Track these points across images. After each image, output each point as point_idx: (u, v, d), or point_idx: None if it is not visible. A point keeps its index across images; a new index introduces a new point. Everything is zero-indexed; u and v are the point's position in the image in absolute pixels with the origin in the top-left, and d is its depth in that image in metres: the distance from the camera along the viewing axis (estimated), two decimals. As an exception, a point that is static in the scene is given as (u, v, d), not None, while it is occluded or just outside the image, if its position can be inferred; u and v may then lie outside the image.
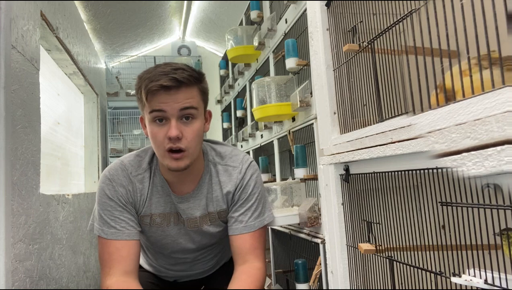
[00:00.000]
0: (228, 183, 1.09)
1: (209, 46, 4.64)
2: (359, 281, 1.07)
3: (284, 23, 1.80)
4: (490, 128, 0.40)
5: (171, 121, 0.94)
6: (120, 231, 1.02)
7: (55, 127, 2.38)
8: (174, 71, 0.94)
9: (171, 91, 0.93)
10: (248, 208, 1.09)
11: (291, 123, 1.73)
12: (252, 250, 1.06)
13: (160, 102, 0.93)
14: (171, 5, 3.58)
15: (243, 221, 1.08)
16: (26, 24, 1.46)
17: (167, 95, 0.93)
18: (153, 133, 0.96)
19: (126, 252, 1.01)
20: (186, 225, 1.10)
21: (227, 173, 1.10)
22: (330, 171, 1.17)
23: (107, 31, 3.52)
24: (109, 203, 1.03)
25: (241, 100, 2.74)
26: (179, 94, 0.94)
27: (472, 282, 0.64)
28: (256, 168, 1.14)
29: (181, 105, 0.94)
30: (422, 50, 0.70)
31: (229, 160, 1.12)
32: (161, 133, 0.95)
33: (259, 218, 1.09)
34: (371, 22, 0.96)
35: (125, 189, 1.04)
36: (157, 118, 0.95)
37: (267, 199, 1.16)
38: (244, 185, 1.09)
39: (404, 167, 0.82)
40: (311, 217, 1.44)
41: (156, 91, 0.92)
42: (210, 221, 1.11)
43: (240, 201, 1.09)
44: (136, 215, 1.08)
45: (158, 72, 0.94)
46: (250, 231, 1.07)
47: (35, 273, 1.42)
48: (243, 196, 1.09)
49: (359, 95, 1.03)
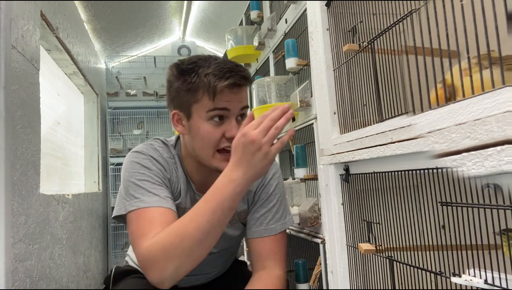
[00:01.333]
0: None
1: (209, 46, 4.64)
2: (359, 281, 1.07)
3: (284, 23, 1.80)
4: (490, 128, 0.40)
5: (232, 121, 0.90)
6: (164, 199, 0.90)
7: (55, 127, 2.38)
8: (237, 68, 0.90)
9: (234, 89, 0.89)
10: (269, 209, 1.02)
11: (291, 123, 1.73)
12: (272, 255, 0.99)
13: (225, 100, 0.88)
14: (171, 5, 3.58)
15: (264, 223, 1.01)
16: (26, 24, 1.46)
17: (231, 93, 0.89)
18: (208, 132, 0.90)
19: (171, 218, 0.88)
20: None
21: None
22: (330, 171, 1.17)
23: (107, 31, 3.52)
24: (147, 173, 0.93)
25: (241, 100, 2.74)
26: (241, 92, 0.91)
27: (472, 282, 0.64)
28: (278, 167, 1.09)
29: (243, 104, 0.91)
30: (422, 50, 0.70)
31: None
32: (218, 133, 0.90)
33: (280, 221, 1.03)
34: (371, 22, 0.96)
35: (162, 166, 0.96)
36: (217, 116, 0.89)
37: (287, 203, 1.09)
38: (265, 184, 1.03)
39: (404, 167, 0.82)
40: (311, 217, 1.44)
41: (224, 89, 0.87)
42: (230, 222, 1.04)
43: (261, 201, 1.03)
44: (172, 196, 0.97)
45: (220, 68, 0.88)
46: (271, 235, 1.00)
47: (35, 273, 1.42)
48: (264, 195, 1.03)
49: (359, 95, 1.03)
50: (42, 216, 1.55)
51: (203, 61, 0.91)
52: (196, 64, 0.91)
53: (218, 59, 0.92)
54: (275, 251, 1.00)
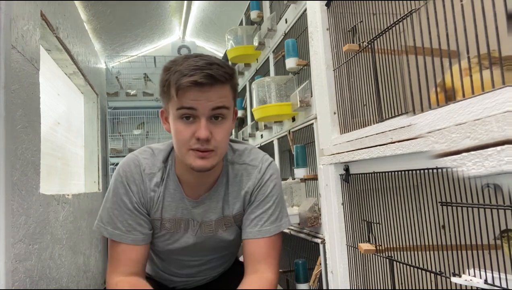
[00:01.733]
0: (247, 183, 1.02)
1: (209, 46, 4.64)
2: (359, 281, 1.07)
3: (284, 23, 1.80)
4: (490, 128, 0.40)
5: (201, 121, 0.87)
6: (125, 235, 0.96)
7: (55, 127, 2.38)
8: (209, 66, 0.86)
9: (204, 88, 0.85)
10: (265, 210, 1.00)
11: (291, 123, 1.73)
12: (265, 259, 0.98)
13: (191, 99, 0.86)
14: (171, 5, 3.58)
15: (258, 225, 0.99)
16: (26, 24, 1.46)
17: (199, 92, 0.85)
18: (178, 131, 0.89)
19: (134, 255, 0.97)
20: (200, 230, 1.03)
21: (246, 172, 1.03)
22: (330, 171, 1.17)
23: (107, 31, 3.52)
24: (119, 203, 0.97)
25: (241, 100, 2.74)
26: (212, 91, 0.86)
27: (472, 282, 0.64)
28: (276, 168, 1.06)
29: (214, 104, 0.87)
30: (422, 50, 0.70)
31: (247, 159, 1.04)
32: (188, 132, 0.88)
33: (275, 223, 1.00)
34: (371, 22, 0.96)
35: (137, 188, 0.97)
36: (185, 115, 0.88)
37: (285, 204, 1.07)
38: (262, 184, 1.01)
39: (404, 167, 0.82)
40: (311, 217, 1.44)
41: (188, 87, 0.85)
42: (225, 225, 1.04)
43: (257, 201, 1.01)
44: (147, 217, 1.00)
45: (190, 65, 0.86)
46: (265, 237, 0.99)
47: (35, 273, 1.42)
48: (260, 197, 1.01)
49: (359, 95, 1.03)
50: (42, 216, 1.55)
51: (182, 59, 0.89)
52: (174, 62, 0.89)
53: (199, 57, 0.89)
54: (268, 254, 0.99)
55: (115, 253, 0.97)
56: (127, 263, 0.96)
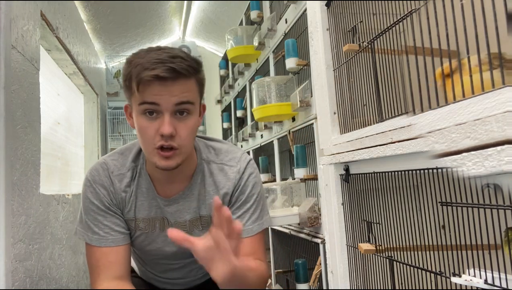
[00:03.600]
0: (225, 183, 0.99)
1: (209, 46, 4.64)
2: (359, 281, 1.07)
3: (284, 23, 1.80)
4: (490, 128, 0.40)
5: (164, 116, 0.83)
6: (103, 237, 0.95)
7: (55, 127, 2.38)
8: (171, 59, 0.82)
9: (167, 82, 0.81)
10: (246, 210, 0.98)
11: (291, 123, 1.73)
12: (251, 254, 0.97)
13: (153, 93, 0.82)
14: (171, 5, 3.58)
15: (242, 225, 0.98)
16: (26, 24, 1.46)
17: (161, 87, 0.82)
18: (142, 128, 0.85)
19: (114, 258, 0.94)
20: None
21: (223, 172, 1.00)
22: (330, 171, 1.17)
23: (107, 31, 3.52)
24: (91, 206, 0.95)
25: (241, 100, 2.74)
26: (175, 86, 0.83)
27: (472, 282, 0.64)
28: (255, 167, 1.04)
29: (177, 99, 0.83)
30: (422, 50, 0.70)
31: (225, 158, 1.01)
32: (152, 128, 0.84)
33: (257, 222, 0.99)
34: (371, 22, 0.96)
35: (107, 191, 0.96)
36: (147, 110, 0.84)
37: (265, 202, 1.05)
38: (242, 185, 0.99)
39: (404, 167, 0.82)
40: (311, 217, 1.44)
41: (149, 82, 0.81)
42: (202, 225, 1.00)
43: (238, 202, 0.99)
44: (122, 216, 0.99)
45: (152, 58, 0.82)
46: (249, 236, 0.97)
47: (35, 273, 1.42)
48: (241, 197, 0.99)
49: (359, 95, 1.03)
50: (42, 216, 1.55)
51: (145, 52, 0.85)
52: (137, 55, 0.85)
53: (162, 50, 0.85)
54: (253, 251, 0.97)
55: (95, 260, 0.95)
56: (109, 266, 0.94)
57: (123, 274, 0.95)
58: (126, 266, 0.97)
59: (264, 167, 2.21)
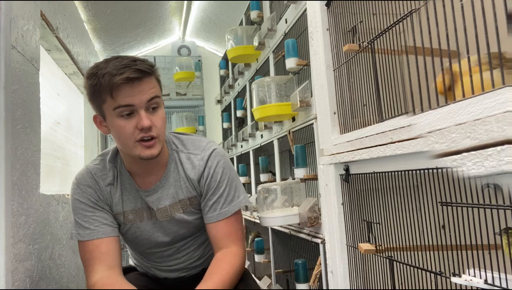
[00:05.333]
0: (191, 171, 1.08)
1: (209, 46, 4.64)
2: (359, 281, 1.07)
3: (284, 23, 1.80)
4: (490, 128, 0.40)
5: (140, 113, 0.94)
6: (94, 230, 1.03)
7: (55, 127, 2.38)
8: (133, 62, 0.92)
9: (134, 83, 0.92)
10: (220, 195, 1.07)
11: (291, 123, 1.73)
12: (227, 236, 1.06)
13: (126, 96, 0.92)
14: (171, 5, 3.58)
15: (217, 209, 1.07)
16: (26, 24, 1.46)
17: (131, 88, 0.92)
18: (120, 128, 0.95)
19: (105, 248, 1.03)
20: (158, 216, 1.09)
21: (189, 161, 1.09)
22: (330, 171, 1.17)
23: (107, 31, 3.52)
24: (79, 205, 1.05)
25: (241, 100, 2.74)
26: (142, 85, 0.93)
27: (472, 282, 0.64)
28: (222, 153, 1.12)
29: (148, 96, 0.94)
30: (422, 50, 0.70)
31: (191, 147, 1.11)
32: (130, 126, 0.94)
33: (233, 203, 1.08)
34: (371, 22, 0.96)
35: (93, 189, 1.06)
36: (124, 112, 0.93)
37: (239, 183, 1.14)
38: (211, 173, 1.07)
39: (404, 167, 0.82)
40: (311, 217, 1.44)
41: (120, 86, 0.90)
42: (182, 208, 1.10)
43: (211, 189, 1.08)
44: (110, 212, 1.09)
45: (116, 65, 0.91)
46: (225, 217, 1.07)
47: (35, 273, 1.42)
48: (213, 184, 1.07)
49: (359, 95, 1.03)
50: (42, 216, 1.55)
51: (104, 63, 0.94)
52: (98, 67, 0.94)
53: (119, 58, 0.94)
54: (230, 231, 1.07)
55: (88, 253, 1.03)
56: (102, 257, 1.02)
57: (115, 264, 1.03)
58: (117, 257, 1.05)
59: (264, 167, 2.21)
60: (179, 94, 4.17)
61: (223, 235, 1.06)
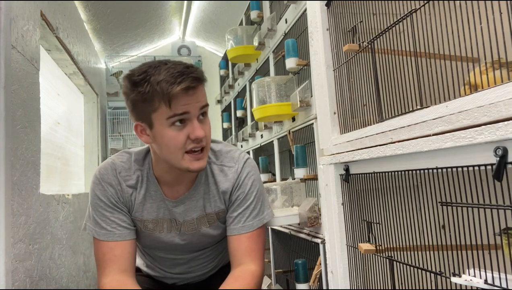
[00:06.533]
0: (225, 183, 1.04)
1: (209, 46, 4.64)
2: (359, 281, 1.07)
3: (284, 23, 1.80)
4: (500, 109, 0.57)
5: (194, 122, 0.90)
6: (110, 232, 1.00)
7: (55, 127, 2.38)
8: (188, 70, 0.89)
9: (189, 92, 0.88)
10: (246, 207, 1.04)
11: (291, 123, 1.73)
12: (248, 253, 1.02)
13: (183, 104, 0.88)
14: (171, 5, 3.58)
15: (241, 221, 1.03)
16: (26, 24, 1.46)
17: (188, 97, 0.88)
18: (171, 138, 0.90)
19: (119, 252, 1.00)
20: (183, 229, 1.06)
21: (223, 173, 1.05)
22: (330, 171, 1.17)
23: (107, 31, 3.52)
24: (99, 203, 1.01)
25: (241, 100, 2.74)
26: (198, 93, 0.90)
27: (472, 282, 0.64)
28: (253, 165, 1.08)
29: (201, 104, 0.91)
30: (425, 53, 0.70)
31: (224, 159, 1.07)
32: (182, 136, 0.90)
33: (257, 217, 1.04)
34: (371, 22, 0.96)
35: (115, 189, 1.02)
36: (177, 121, 0.89)
37: (266, 197, 1.10)
38: (240, 184, 1.04)
39: (404, 167, 0.82)
40: (311, 217, 1.44)
41: (179, 94, 0.86)
42: (208, 222, 1.07)
43: (238, 200, 1.04)
44: (128, 214, 1.05)
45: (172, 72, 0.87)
46: (248, 232, 1.02)
47: (35, 273, 1.42)
48: (241, 195, 1.04)
49: (359, 95, 1.03)
50: (42, 216, 1.55)
51: (153, 69, 0.89)
52: (147, 73, 0.89)
53: (168, 63, 0.91)
54: (252, 248, 1.02)
55: (101, 254, 1.00)
56: (115, 260, 0.99)
57: (127, 268, 1.00)
58: (131, 260, 1.02)
59: (264, 167, 2.21)
60: (179, 94, 4.17)
61: (244, 250, 1.02)
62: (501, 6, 0.57)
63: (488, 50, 0.61)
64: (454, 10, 0.66)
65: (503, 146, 0.57)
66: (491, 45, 0.60)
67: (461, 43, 0.67)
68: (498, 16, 0.57)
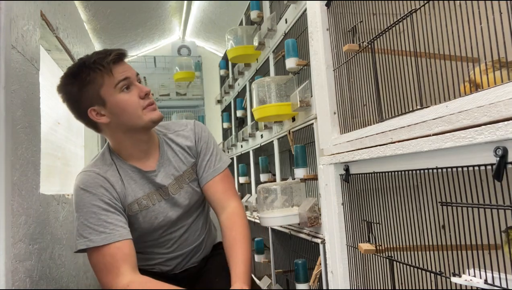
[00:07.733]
0: (186, 141, 1.20)
1: (209, 46, 4.64)
2: (359, 281, 1.07)
3: (284, 23, 1.80)
4: (499, 109, 0.57)
5: (136, 84, 1.06)
6: (110, 233, 1.00)
7: (55, 127, 2.38)
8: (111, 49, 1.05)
9: (121, 61, 1.05)
10: (211, 154, 1.21)
11: (291, 123, 1.73)
12: (226, 191, 1.18)
13: (121, 71, 1.03)
14: (171, 5, 3.58)
15: (211, 167, 1.19)
16: (26, 24, 1.46)
17: (122, 65, 1.04)
18: (126, 101, 1.03)
19: (128, 250, 1.01)
20: (170, 191, 1.16)
21: (180, 136, 1.20)
22: (330, 171, 1.17)
23: (107, 31, 3.52)
24: (92, 210, 1.02)
25: (241, 100, 2.74)
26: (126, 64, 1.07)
27: (472, 282, 0.64)
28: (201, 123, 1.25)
29: (135, 71, 1.08)
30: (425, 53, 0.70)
31: (175, 127, 1.23)
32: (134, 96, 1.04)
33: (222, 160, 1.22)
34: (371, 22, 0.96)
35: (104, 188, 1.06)
36: (124, 86, 1.03)
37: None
38: (200, 136, 1.21)
39: (404, 167, 0.82)
40: (311, 217, 1.44)
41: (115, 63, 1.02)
42: (188, 178, 1.20)
43: (203, 150, 1.20)
44: (123, 212, 1.08)
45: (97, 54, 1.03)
46: (219, 173, 1.19)
47: (35, 273, 1.42)
48: (204, 145, 1.21)
49: (359, 95, 1.03)
50: (42, 216, 1.55)
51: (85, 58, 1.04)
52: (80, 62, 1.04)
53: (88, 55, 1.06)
54: (227, 187, 1.20)
55: (109, 257, 0.98)
56: (127, 258, 0.99)
57: (136, 266, 1.03)
58: (135, 260, 1.04)
59: (264, 167, 2.21)
60: (179, 94, 4.17)
61: (221, 191, 1.18)
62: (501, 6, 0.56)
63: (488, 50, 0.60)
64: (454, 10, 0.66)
65: (503, 146, 0.57)
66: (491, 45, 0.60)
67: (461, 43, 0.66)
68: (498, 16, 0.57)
